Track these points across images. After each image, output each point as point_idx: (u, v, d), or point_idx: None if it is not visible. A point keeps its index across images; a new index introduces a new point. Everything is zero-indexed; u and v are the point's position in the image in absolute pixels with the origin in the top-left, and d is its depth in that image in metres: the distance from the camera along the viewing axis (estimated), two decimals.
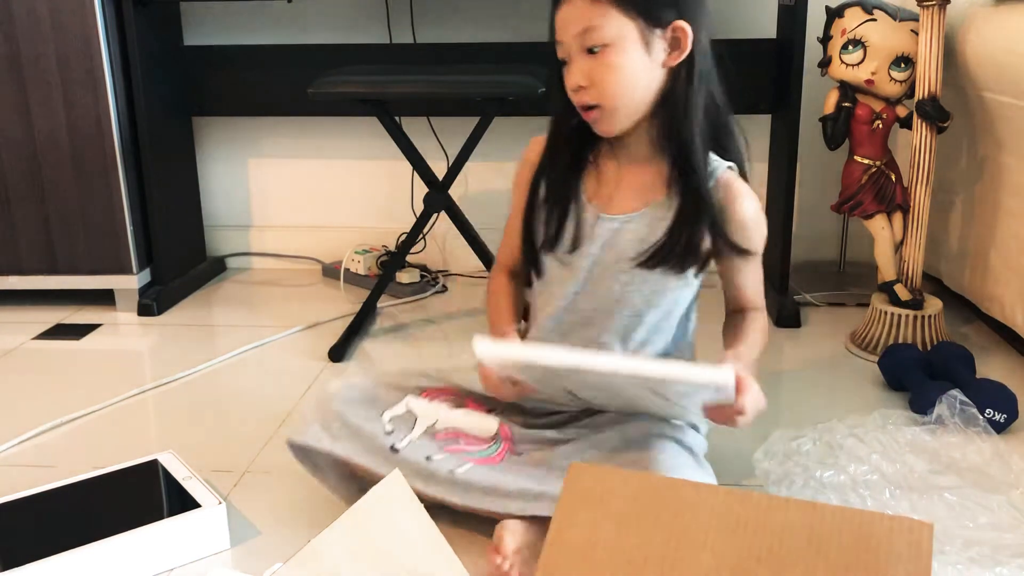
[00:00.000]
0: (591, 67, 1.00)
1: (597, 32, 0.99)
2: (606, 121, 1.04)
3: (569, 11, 1.00)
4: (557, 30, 1.02)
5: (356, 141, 2.23)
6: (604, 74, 1.00)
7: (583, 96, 1.02)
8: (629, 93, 1.02)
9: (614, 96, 1.01)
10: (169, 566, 1.06)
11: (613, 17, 0.99)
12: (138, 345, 1.84)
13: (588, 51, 1.00)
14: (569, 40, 1.01)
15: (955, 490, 1.14)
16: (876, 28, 1.63)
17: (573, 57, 1.02)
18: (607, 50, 1.00)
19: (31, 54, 1.83)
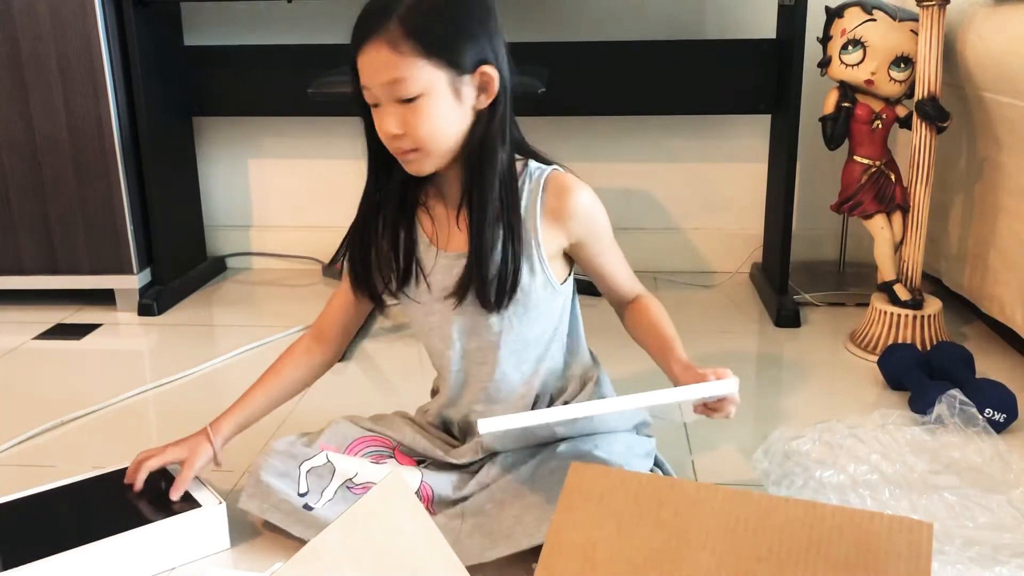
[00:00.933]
0: (404, 115, 0.99)
1: (406, 84, 0.97)
2: (421, 163, 1.03)
3: (374, 59, 0.97)
4: (362, 74, 0.99)
5: (356, 141, 2.20)
6: (419, 122, 0.99)
7: (399, 143, 1.01)
8: (443, 138, 1.01)
9: (429, 141, 1.00)
10: (169, 566, 1.06)
11: (421, 67, 0.97)
12: (138, 345, 1.84)
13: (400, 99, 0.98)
14: (377, 88, 0.98)
15: (955, 490, 1.14)
16: (876, 28, 1.63)
17: (384, 104, 0.99)
18: (419, 99, 0.98)
19: (31, 54, 1.83)
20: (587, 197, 1.08)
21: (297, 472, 1.11)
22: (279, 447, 1.14)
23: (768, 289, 1.96)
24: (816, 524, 0.78)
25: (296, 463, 1.11)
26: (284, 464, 1.11)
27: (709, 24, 2.08)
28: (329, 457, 1.12)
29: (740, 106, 2.05)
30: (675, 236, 2.19)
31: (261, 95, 2.12)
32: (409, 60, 0.96)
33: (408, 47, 0.96)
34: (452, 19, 1.00)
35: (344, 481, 1.10)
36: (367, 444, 1.16)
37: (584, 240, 1.09)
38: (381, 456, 1.16)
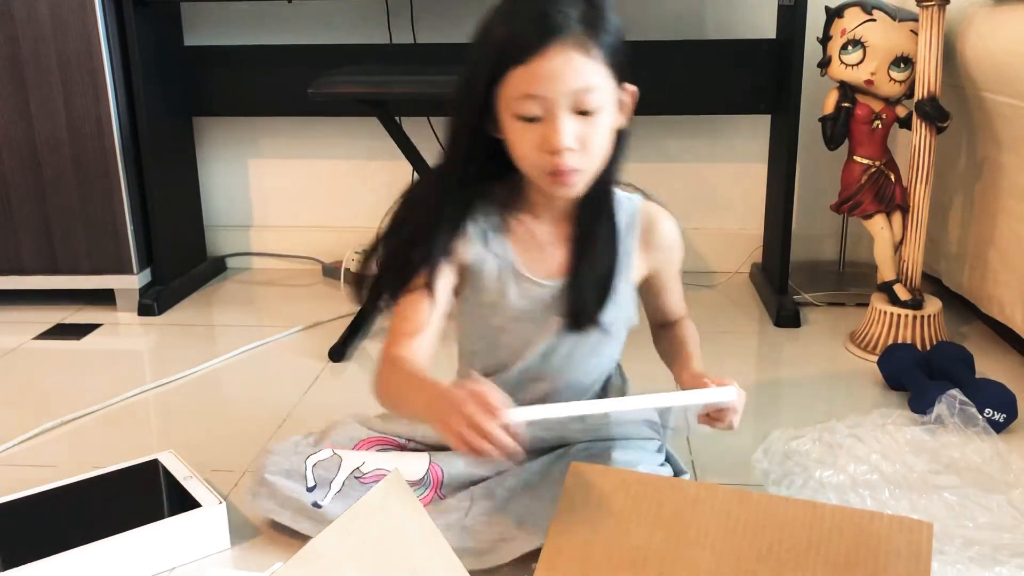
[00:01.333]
0: (582, 128, 0.91)
1: (594, 94, 0.90)
2: (577, 183, 0.95)
3: (562, 63, 0.88)
4: (538, 82, 0.89)
5: (356, 141, 2.23)
6: (595, 136, 0.92)
7: (569, 159, 0.91)
8: (603, 157, 0.96)
9: (597, 159, 0.95)
10: (169, 566, 1.06)
11: (606, 78, 0.91)
12: (138, 345, 1.84)
13: (579, 112, 0.91)
14: (559, 95, 0.89)
15: (955, 490, 1.14)
16: (876, 28, 1.63)
17: (556, 115, 0.90)
18: (598, 112, 0.91)
19: (31, 54, 1.83)
20: (676, 230, 1.09)
21: (303, 467, 1.10)
22: (282, 446, 1.14)
23: (768, 289, 1.96)
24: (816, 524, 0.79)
25: (301, 459, 1.11)
26: (288, 461, 1.11)
27: (709, 24, 2.08)
28: (335, 451, 1.12)
29: (740, 106, 2.05)
30: None
31: (261, 95, 2.12)
32: (599, 67, 0.90)
33: (597, 52, 0.90)
34: (619, 26, 0.93)
35: (352, 471, 1.09)
36: (373, 444, 1.15)
37: (662, 270, 1.10)
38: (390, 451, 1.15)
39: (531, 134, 0.92)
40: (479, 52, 0.94)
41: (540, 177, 0.95)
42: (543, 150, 0.92)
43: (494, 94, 0.93)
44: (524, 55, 0.89)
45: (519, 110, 0.91)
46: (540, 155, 0.93)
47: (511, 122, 0.93)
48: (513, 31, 0.90)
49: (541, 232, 1.04)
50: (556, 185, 0.95)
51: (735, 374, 1.62)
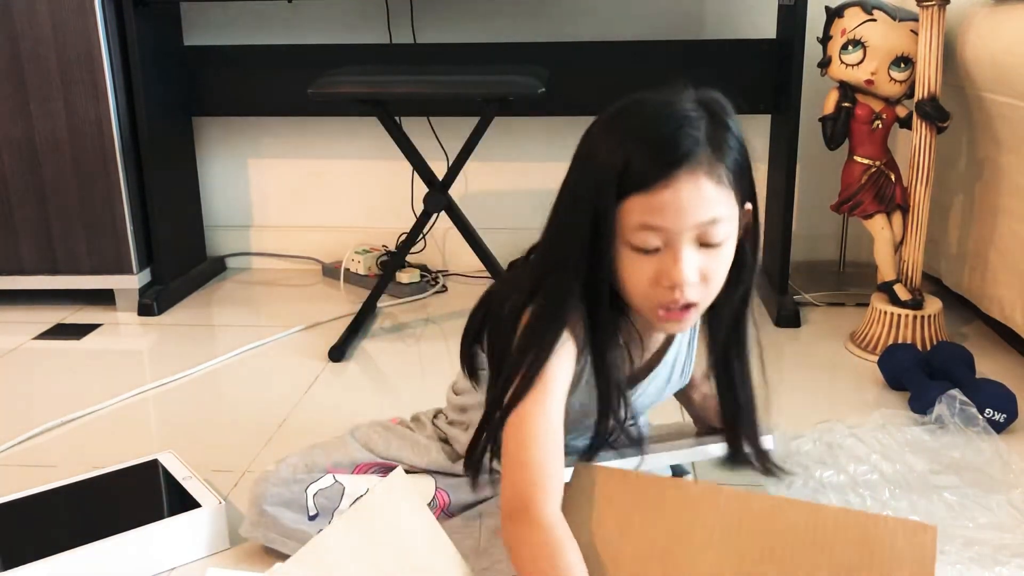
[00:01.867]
0: (706, 261, 0.84)
1: (722, 224, 0.83)
2: (695, 317, 0.89)
3: (691, 192, 0.80)
4: (662, 215, 0.80)
5: (356, 141, 2.23)
6: (719, 268, 0.85)
7: (689, 293, 0.84)
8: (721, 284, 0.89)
9: (716, 292, 0.88)
10: (169, 566, 1.06)
11: (732, 204, 0.84)
12: (138, 345, 1.84)
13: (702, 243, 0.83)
14: (682, 228, 0.81)
15: (955, 490, 1.14)
16: (876, 28, 1.63)
17: (678, 246, 0.82)
18: (725, 242, 0.85)
19: (31, 54, 1.83)
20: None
21: (303, 496, 1.05)
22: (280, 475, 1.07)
23: (768, 289, 1.96)
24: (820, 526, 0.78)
25: (302, 487, 1.06)
26: (289, 491, 1.05)
27: (709, 24, 2.08)
28: (336, 478, 1.08)
29: (740, 106, 2.04)
30: None
31: (261, 95, 2.12)
32: (727, 195, 0.83)
33: (725, 175, 0.83)
34: (741, 140, 0.86)
35: (355, 500, 1.04)
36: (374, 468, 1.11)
37: None
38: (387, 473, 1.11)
39: (647, 266, 0.84)
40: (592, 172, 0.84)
41: (651, 311, 0.88)
42: (660, 284, 0.84)
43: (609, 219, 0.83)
44: (649, 182, 0.80)
45: (637, 242, 0.83)
46: (656, 290, 0.85)
47: (626, 253, 0.85)
48: (636, 155, 0.81)
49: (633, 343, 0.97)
50: (668, 321, 0.88)
51: None
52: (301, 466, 1.08)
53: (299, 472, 1.08)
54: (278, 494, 1.05)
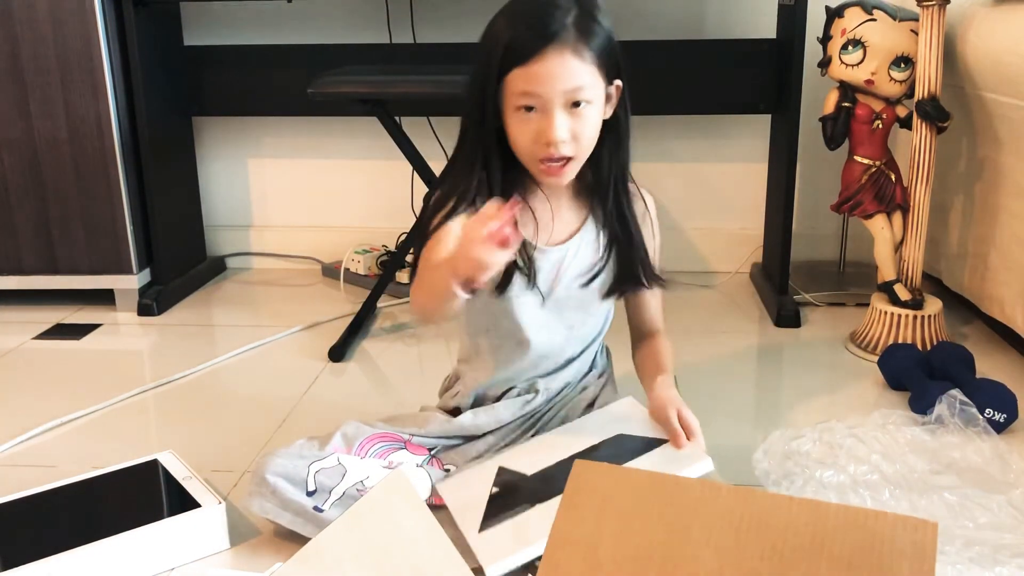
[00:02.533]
0: (573, 122, 1.03)
1: (587, 90, 1.02)
2: (569, 171, 1.07)
3: (558, 66, 1.00)
4: (535, 81, 1.01)
5: (356, 141, 2.23)
6: (585, 128, 1.04)
7: (561, 149, 1.03)
8: (592, 144, 1.08)
9: (587, 149, 1.07)
10: (169, 566, 1.06)
11: (596, 77, 1.03)
12: (138, 345, 1.84)
13: (572, 105, 1.02)
14: (552, 93, 1.01)
15: (955, 490, 1.14)
16: (876, 28, 1.63)
17: (550, 110, 1.02)
18: (588, 107, 1.04)
19: (31, 54, 1.83)
20: (652, 205, 1.22)
21: (306, 471, 1.08)
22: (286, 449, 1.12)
23: (768, 289, 1.96)
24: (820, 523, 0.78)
25: (305, 463, 1.09)
26: (292, 463, 1.09)
27: (709, 24, 2.08)
28: (340, 459, 1.11)
29: (740, 106, 2.05)
30: (675, 236, 2.19)
31: (261, 95, 2.12)
32: (590, 68, 1.02)
33: (589, 55, 1.02)
34: (609, 30, 1.05)
35: (354, 483, 1.09)
36: (377, 440, 1.15)
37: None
38: (392, 450, 1.15)
39: (528, 126, 1.04)
40: (485, 53, 1.04)
41: (534, 165, 1.07)
42: (539, 141, 1.04)
43: (499, 91, 1.04)
44: (524, 58, 1.00)
45: (520, 103, 1.03)
46: (536, 145, 1.04)
47: (512, 115, 1.04)
48: (515, 35, 1.01)
49: (540, 208, 1.14)
50: (548, 174, 1.07)
51: (735, 374, 1.63)
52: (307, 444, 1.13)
53: (305, 449, 1.12)
54: (281, 465, 1.08)
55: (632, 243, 1.16)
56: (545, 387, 1.19)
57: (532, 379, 1.20)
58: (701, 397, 1.49)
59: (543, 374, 1.20)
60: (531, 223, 1.13)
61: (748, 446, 1.26)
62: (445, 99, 1.98)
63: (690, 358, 1.64)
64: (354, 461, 1.11)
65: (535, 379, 1.20)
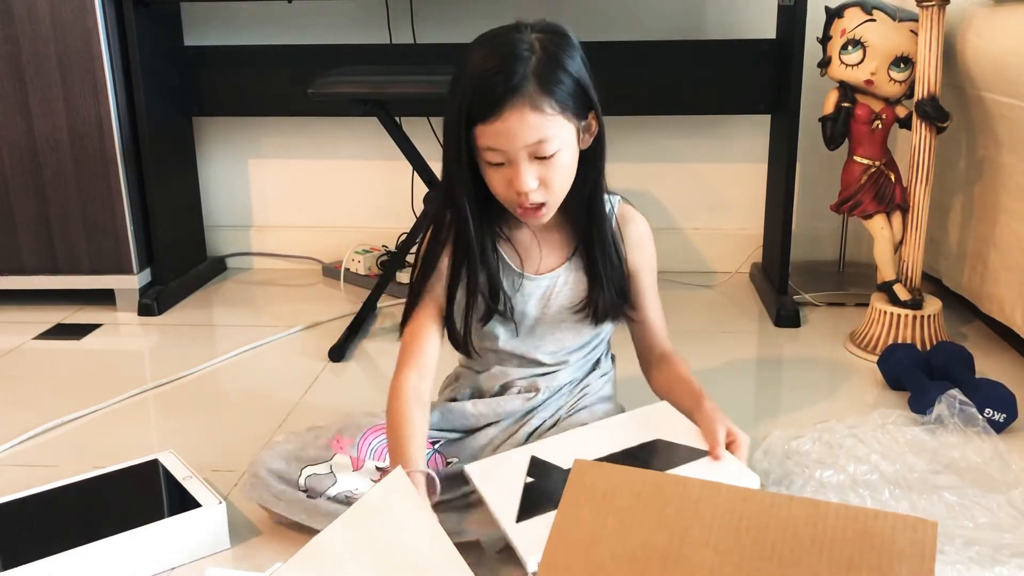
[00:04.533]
0: (542, 170, 1.03)
1: (549, 143, 1.01)
2: (546, 214, 1.08)
3: (518, 123, 0.99)
4: (498, 137, 1.00)
5: (356, 141, 2.23)
6: (555, 175, 1.04)
7: (533, 196, 1.04)
8: (567, 185, 1.08)
9: (561, 192, 1.07)
10: (169, 566, 1.06)
11: (561, 124, 1.02)
12: (138, 345, 1.84)
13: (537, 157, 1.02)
14: (514, 150, 1.00)
15: (955, 490, 1.14)
16: (875, 28, 1.63)
17: (518, 162, 1.02)
18: (556, 155, 1.02)
19: (31, 54, 1.83)
20: (646, 228, 1.20)
21: (298, 473, 1.10)
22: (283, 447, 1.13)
23: (768, 289, 1.96)
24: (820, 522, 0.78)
25: (299, 466, 1.10)
26: (286, 466, 1.11)
27: (709, 24, 2.08)
28: (333, 467, 1.10)
29: (740, 106, 2.05)
30: (675, 236, 2.19)
31: (261, 95, 2.12)
32: (552, 119, 1.00)
33: (550, 107, 1.00)
34: (576, 71, 1.03)
35: (344, 491, 1.09)
36: (380, 432, 1.14)
37: (636, 270, 1.20)
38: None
39: (500, 175, 1.04)
40: (455, 100, 1.02)
41: (512, 209, 1.08)
42: (510, 191, 1.04)
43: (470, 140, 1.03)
44: (484, 116, 1.00)
45: (487, 159, 1.03)
46: (509, 194, 1.05)
47: (484, 165, 1.05)
48: (476, 89, 1.00)
49: (528, 238, 1.16)
50: (526, 216, 1.08)
51: (735, 374, 1.63)
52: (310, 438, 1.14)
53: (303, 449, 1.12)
54: (275, 468, 1.10)
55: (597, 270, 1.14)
56: (546, 385, 1.20)
57: (531, 377, 1.20)
58: None
59: (541, 374, 1.21)
60: (515, 255, 1.15)
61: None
62: (445, 99, 1.99)
63: (690, 358, 1.63)
64: (346, 471, 1.11)
65: (534, 377, 1.20)
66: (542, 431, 1.18)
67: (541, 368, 1.20)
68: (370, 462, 1.12)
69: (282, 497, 1.08)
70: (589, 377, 1.24)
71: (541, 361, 1.20)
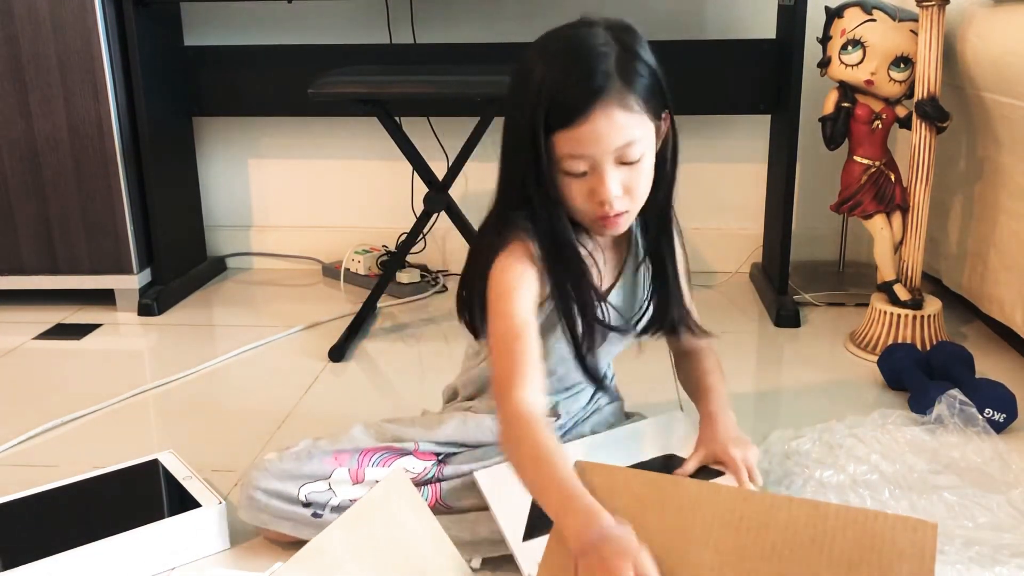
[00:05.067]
0: (627, 176, 0.96)
1: (638, 144, 0.94)
2: (628, 221, 1.01)
3: (605, 125, 0.92)
4: (583, 145, 0.93)
5: (356, 141, 2.23)
6: (639, 180, 0.97)
7: (616, 205, 0.96)
8: (649, 190, 1.01)
9: (643, 198, 1.00)
10: (169, 566, 1.06)
11: (646, 124, 0.96)
12: (138, 345, 1.84)
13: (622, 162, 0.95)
14: (602, 155, 0.94)
15: (955, 490, 1.14)
16: (875, 28, 1.63)
17: (602, 170, 0.95)
18: (641, 159, 0.96)
19: (31, 54, 1.83)
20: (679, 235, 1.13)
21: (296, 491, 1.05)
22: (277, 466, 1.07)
23: (768, 289, 1.96)
24: (820, 523, 0.78)
25: (296, 485, 1.05)
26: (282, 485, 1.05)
27: (709, 24, 2.08)
28: (331, 485, 1.07)
29: (740, 106, 2.05)
30: None
31: (261, 95, 2.12)
32: (639, 118, 0.94)
33: (636, 103, 0.93)
34: (652, 64, 0.97)
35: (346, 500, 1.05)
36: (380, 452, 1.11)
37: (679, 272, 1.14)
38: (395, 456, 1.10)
39: (580, 186, 0.97)
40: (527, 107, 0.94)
41: (591, 222, 1.01)
42: (592, 201, 0.97)
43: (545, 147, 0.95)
44: (569, 120, 0.92)
45: (567, 168, 0.96)
46: (590, 205, 0.98)
47: (561, 175, 0.97)
48: (557, 94, 0.92)
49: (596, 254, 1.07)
50: (605, 228, 1.01)
51: (735, 374, 1.63)
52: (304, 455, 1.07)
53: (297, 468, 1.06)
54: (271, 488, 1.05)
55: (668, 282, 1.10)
56: (566, 410, 1.16)
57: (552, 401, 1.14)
58: None
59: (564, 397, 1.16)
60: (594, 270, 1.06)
61: None
62: (445, 99, 1.99)
63: None
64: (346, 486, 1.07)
65: (555, 401, 1.15)
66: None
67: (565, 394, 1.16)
68: (371, 470, 1.09)
69: (287, 517, 1.04)
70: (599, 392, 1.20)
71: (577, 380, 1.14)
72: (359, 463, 1.09)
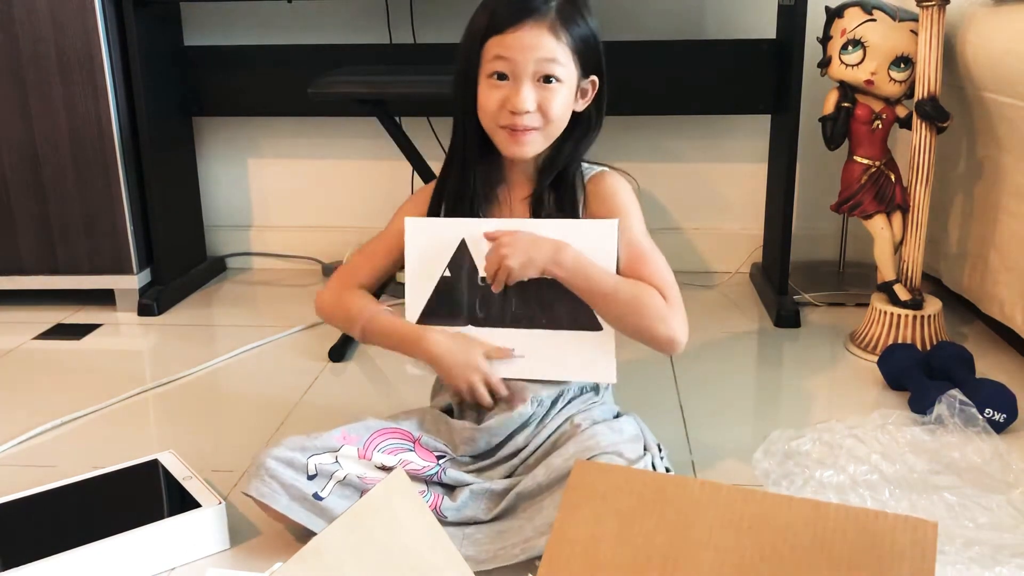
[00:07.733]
0: (541, 94, 1.08)
1: (556, 66, 1.07)
2: (535, 143, 1.11)
3: (534, 36, 1.06)
4: (511, 48, 1.06)
5: (356, 141, 2.23)
6: (553, 102, 1.08)
7: (528, 118, 1.08)
8: (561, 125, 1.12)
9: (553, 124, 1.11)
10: (169, 566, 1.06)
11: (570, 62, 1.09)
12: (138, 345, 1.84)
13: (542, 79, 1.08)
14: (525, 62, 1.06)
15: (955, 490, 1.14)
16: (876, 28, 1.63)
17: (521, 79, 1.07)
18: (558, 85, 1.08)
19: (31, 54, 1.83)
20: (621, 186, 1.18)
21: (305, 460, 1.07)
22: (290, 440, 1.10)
23: (768, 289, 1.96)
24: (820, 523, 0.78)
25: (305, 455, 1.08)
26: (292, 454, 1.07)
27: (709, 24, 2.08)
28: (339, 458, 1.09)
29: (740, 106, 2.05)
30: (675, 236, 2.19)
31: (261, 95, 2.12)
32: (565, 48, 1.08)
33: (565, 38, 1.08)
34: (592, 27, 1.11)
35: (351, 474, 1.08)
36: (388, 436, 1.13)
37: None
38: (401, 449, 1.13)
39: (498, 92, 1.09)
40: (468, 34, 1.12)
41: (498, 132, 1.11)
42: (504, 108, 1.08)
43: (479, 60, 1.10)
44: (502, 27, 1.07)
45: (491, 69, 1.08)
46: (502, 112, 1.09)
47: (484, 82, 1.10)
48: (498, 7, 1.08)
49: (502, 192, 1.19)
50: (511, 143, 1.11)
51: (735, 374, 1.63)
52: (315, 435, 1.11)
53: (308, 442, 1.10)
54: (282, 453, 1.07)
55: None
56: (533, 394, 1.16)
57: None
58: (701, 397, 1.49)
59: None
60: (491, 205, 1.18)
61: (748, 446, 1.27)
62: (445, 99, 1.98)
63: (690, 358, 1.64)
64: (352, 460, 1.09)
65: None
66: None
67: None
68: (378, 455, 1.10)
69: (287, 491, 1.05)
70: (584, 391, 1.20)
71: None
72: (366, 445, 1.11)
